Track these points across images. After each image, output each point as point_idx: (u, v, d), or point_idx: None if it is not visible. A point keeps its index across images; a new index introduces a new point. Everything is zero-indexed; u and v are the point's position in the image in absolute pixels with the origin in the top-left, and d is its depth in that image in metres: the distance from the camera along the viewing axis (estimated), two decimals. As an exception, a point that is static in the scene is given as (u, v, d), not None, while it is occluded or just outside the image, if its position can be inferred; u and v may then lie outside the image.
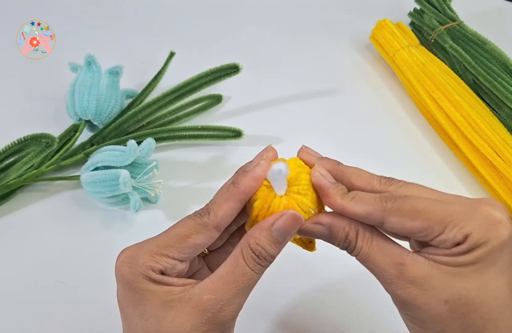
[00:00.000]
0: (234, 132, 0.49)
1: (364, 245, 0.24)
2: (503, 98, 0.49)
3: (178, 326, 0.24)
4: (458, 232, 0.22)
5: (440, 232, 0.22)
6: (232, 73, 0.48)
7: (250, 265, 0.24)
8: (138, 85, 0.54)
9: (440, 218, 0.22)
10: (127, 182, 0.40)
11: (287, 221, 0.24)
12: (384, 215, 0.23)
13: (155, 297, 0.24)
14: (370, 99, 0.57)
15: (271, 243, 0.24)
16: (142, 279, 0.24)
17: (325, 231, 0.25)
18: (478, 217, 0.22)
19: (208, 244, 0.26)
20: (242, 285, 0.24)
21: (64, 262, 0.40)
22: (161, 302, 0.24)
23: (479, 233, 0.22)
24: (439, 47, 0.58)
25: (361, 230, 0.24)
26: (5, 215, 0.43)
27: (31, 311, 0.38)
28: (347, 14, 0.68)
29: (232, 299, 0.24)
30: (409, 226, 0.23)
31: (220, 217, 0.25)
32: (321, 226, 0.25)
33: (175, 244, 0.25)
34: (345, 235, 0.24)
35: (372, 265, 0.24)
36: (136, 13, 0.67)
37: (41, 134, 0.42)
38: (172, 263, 0.25)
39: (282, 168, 0.23)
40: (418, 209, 0.23)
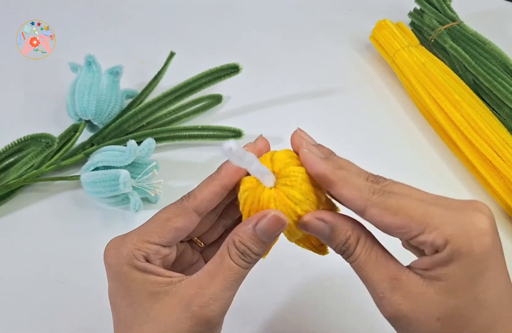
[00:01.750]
0: (234, 132, 0.49)
1: (362, 253, 0.24)
2: (503, 98, 0.49)
3: (164, 318, 0.24)
4: (438, 236, 0.21)
5: (419, 232, 0.22)
6: (232, 73, 0.48)
7: (235, 260, 0.24)
8: (138, 85, 0.54)
9: (420, 219, 0.22)
10: (127, 182, 0.40)
11: (269, 222, 0.23)
12: (366, 204, 0.23)
13: (142, 288, 0.24)
14: (370, 99, 0.57)
15: (255, 242, 0.24)
16: (128, 268, 0.25)
17: (327, 230, 0.24)
18: (460, 222, 0.22)
19: (189, 228, 0.26)
20: (229, 279, 0.24)
21: (64, 262, 0.40)
22: (148, 292, 0.24)
23: (460, 240, 0.21)
24: (439, 47, 0.58)
25: (363, 237, 0.24)
26: (5, 215, 0.43)
27: (31, 311, 0.38)
28: (347, 14, 0.68)
29: (218, 293, 0.24)
30: (387, 220, 0.22)
31: (199, 200, 0.26)
32: (323, 223, 0.24)
33: (155, 229, 0.25)
34: (345, 238, 0.24)
35: (366, 275, 0.23)
36: (136, 13, 0.67)
37: (41, 134, 0.42)
38: (154, 248, 0.25)
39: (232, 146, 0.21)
40: (399, 206, 0.23)
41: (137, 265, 0.25)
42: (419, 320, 0.22)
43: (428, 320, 0.22)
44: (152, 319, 0.24)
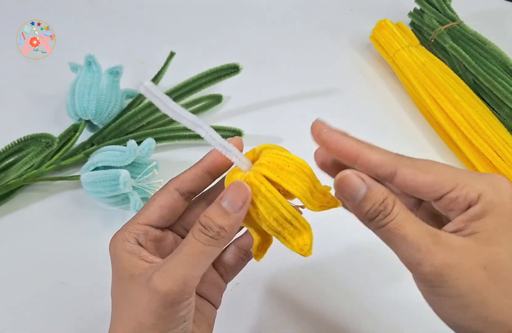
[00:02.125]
0: (234, 132, 0.49)
1: (401, 212, 0.23)
2: (503, 98, 0.49)
3: (137, 299, 0.24)
4: (471, 190, 0.22)
5: (452, 188, 0.23)
6: (232, 73, 0.48)
7: (197, 237, 0.24)
8: (138, 85, 0.54)
9: (452, 176, 0.23)
10: (127, 182, 0.40)
11: (230, 188, 0.24)
12: (398, 165, 0.24)
13: (125, 270, 0.25)
14: (370, 99, 0.57)
15: (219, 214, 0.24)
16: (120, 251, 0.26)
17: (363, 189, 0.23)
18: (487, 180, 0.23)
19: (172, 205, 0.27)
20: (189, 255, 0.24)
21: (64, 262, 0.40)
22: (128, 273, 0.25)
23: (492, 193, 0.22)
24: (439, 47, 0.58)
25: (398, 200, 0.24)
26: (5, 215, 0.43)
27: (31, 311, 0.38)
28: (347, 14, 0.68)
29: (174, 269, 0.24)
30: (421, 179, 0.23)
31: (180, 179, 0.27)
32: (361, 180, 0.24)
33: (143, 210, 0.27)
34: (383, 198, 0.23)
35: (406, 232, 0.23)
36: (136, 13, 0.67)
37: (41, 134, 0.42)
38: (142, 228, 0.27)
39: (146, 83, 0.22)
40: (430, 166, 0.24)
41: (126, 247, 0.26)
42: (466, 271, 0.22)
43: (475, 270, 0.22)
44: (129, 300, 0.25)
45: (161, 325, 0.24)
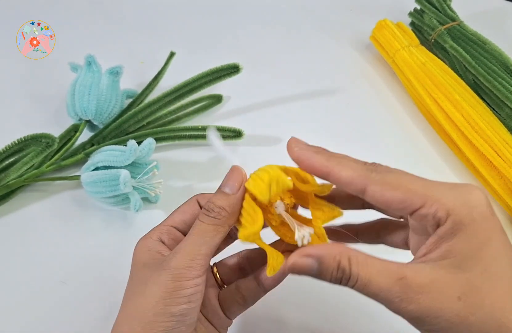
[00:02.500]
0: (234, 132, 0.49)
1: (360, 270, 0.22)
2: (503, 98, 0.49)
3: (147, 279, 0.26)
4: (439, 208, 0.22)
5: (421, 205, 0.22)
6: (232, 73, 0.48)
7: (201, 219, 0.27)
8: (138, 85, 0.54)
9: (421, 192, 0.22)
10: (127, 182, 0.40)
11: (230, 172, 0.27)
12: (367, 182, 0.23)
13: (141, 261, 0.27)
14: (370, 99, 0.57)
15: (219, 197, 0.27)
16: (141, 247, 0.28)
17: (315, 265, 0.23)
18: (459, 196, 0.22)
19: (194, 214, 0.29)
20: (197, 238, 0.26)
21: (64, 262, 0.40)
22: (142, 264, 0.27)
23: (461, 211, 0.22)
24: (439, 47, 0.58)
25: (353, 255, 0.23)
26: (5, 215, 0.43)
27: (31, 311, 0.38)
28: (347, 14, 0.68)
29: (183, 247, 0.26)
30: (389, 195, 0.23)
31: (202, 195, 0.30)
32: (310, 258, 0.23)
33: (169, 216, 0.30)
34: (336, 264, 0.22)
35: (374, 289, 0.22)
36: (136, 13, 0.67)
37: (41, 134, 0.42)
38: (165, 228, 0.29)
39: None
40: (400, 181, 0.23)
41: (148, 242, 0.28)
42: (442, 308, 0.21)
43: (450, 304, 0.21)
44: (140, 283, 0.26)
45: (167, 299, 0.25)
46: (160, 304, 0.25)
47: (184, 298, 0.25)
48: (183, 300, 0.25)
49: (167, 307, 0.25)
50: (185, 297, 0.25)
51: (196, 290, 0.26)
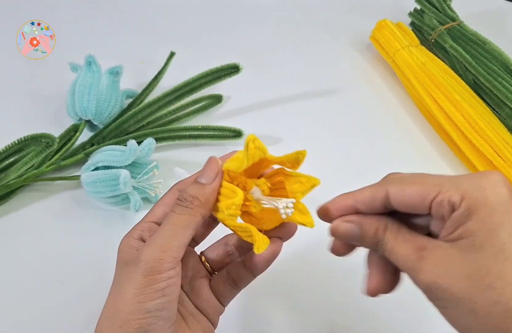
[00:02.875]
0: (234, 132, 0.49)
1: (391, 237, 0.25)
2: (503, 98, 0.49)
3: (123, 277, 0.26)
4: (453, 193, 0.22)
5: (436, 193, 0.23)
6: (232, 73, 0.48)
7: (174, 210, 0.26)
8: (138, 85, 0.54)
9: (435, 182, 0.24)
10: (127, 182, 0.40)
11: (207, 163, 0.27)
12: (386, 187, 0.25)
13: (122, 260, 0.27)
14: (370, 99, 0.57)
15: (193, 186, 0.27)
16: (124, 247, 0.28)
17: (356, 230, 0.26)
18: (473, 181, 0.23)
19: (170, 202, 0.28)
20: (170, 229, 0.26)
21: (64, 262, 0.40)
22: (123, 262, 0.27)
23: (475, 193, 0.22)
24: (439, 47, 0.58)
25: (390, 224, 0.25)
26: (5, 215, 0.43)
27: (31, 311, 0.38)
28: (347, 14, 0.68)
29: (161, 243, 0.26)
30: (408, 191, 0.24)
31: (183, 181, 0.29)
32: (352, 224, 0.26)
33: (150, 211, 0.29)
34: (374, 230, 0.25)
35: (396, 255, 0.24)
36: (136, 13, 0.67)
37: (41, 134, 0.42)
38: (146, 225, 0.28)
39: None
40: (415, 178, 0.25)
41: (130, 242, 0.27)
42: (450, 283, 0.22)
43: (458, 281, 0.22)
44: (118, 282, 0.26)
45: (140, 296, 0.25)
46: (133, 301, 0.24)
47: (157, 292, 0.25)
48: (157, 295, 0.25)
49: (140, 304, 0.24)
50: (158, 291, 0.25)
51: (169, 283, 0.25)
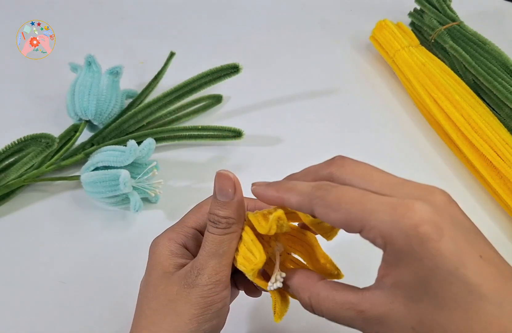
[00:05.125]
0: (234, 132, 0.49)
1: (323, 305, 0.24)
2: (503, 98, 0.49)
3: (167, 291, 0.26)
4: (376, 235, 0.21)
5: (360, 229, 0.21)
6: (232, 73, 0.48)
7: (210, 230, 0.27)
8: (138, 85, 0.54)
9: (359, 215, 0.21)
10: (127, 182, 0.40)
11: (217, 180, 0.27)
12: (312, 205, 0.23)
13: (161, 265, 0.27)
14: (370, 100, 0.57)
15: (218, 206, 0.27)
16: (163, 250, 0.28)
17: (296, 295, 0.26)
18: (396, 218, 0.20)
19: None
20: (209, 247, 0.26)
21: (64, 262, 0.40)
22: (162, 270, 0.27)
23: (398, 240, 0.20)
24: (439, 47, 0.58)
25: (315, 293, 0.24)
26: (5, 215, 0.43)
27: (31, 311, 0.38)
28: (347, 14, 0.68)
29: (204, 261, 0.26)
30: (333, 217, 0.22)
31: None
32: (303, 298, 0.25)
33: (191, 215, 0.29)
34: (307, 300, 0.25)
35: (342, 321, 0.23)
36: (136, 13, 0.67)
37: (41, 134, 0.42)
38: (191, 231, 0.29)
39: None
40: (340, 201, 0.22)
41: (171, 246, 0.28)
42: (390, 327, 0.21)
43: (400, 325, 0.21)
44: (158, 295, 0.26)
45: (200, 316, 0.25)
46: (193, 322, 0.25)
47: (214, 313, 0.26)
48: (214, 316, 0.26)
49: (199, 324, 0.25)
50: (215, 312, 0.26)
51: (224, 303, 0.26)
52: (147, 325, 0.26)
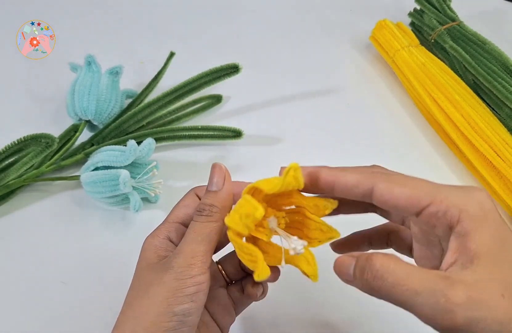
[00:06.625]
0: (234, 132, 0.49)
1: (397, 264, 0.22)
2: (503, 98, 0.49)
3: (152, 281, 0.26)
4: (450, 205, 0.21)
5: (429, 202, 0.22)
6: (232, 73, 0.48)
7: (196, 219, 0.27)
8: (138, 85, 0.54)
9: (428, 189, 0.22)
10: (127, 182, 0.40)
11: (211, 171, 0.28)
12: (374, 181, 0.24)
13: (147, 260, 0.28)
14: (370, 99, 0.57)
15: (208, 195, 0.28)
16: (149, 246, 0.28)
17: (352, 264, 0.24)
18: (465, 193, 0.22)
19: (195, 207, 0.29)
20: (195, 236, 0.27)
21: (64, 262, 0.41)
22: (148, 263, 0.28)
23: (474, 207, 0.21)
24: (439, 47, 0.58)
25: None
26: (5, 215, 0.43)
27: (31, 311, 0.38)
28: (347, 14, 0.68)
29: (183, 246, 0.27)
30: (397, 192, 0.23)
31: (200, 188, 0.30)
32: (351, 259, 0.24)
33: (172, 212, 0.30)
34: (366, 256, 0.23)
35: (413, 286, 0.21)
36: (136, 13, 0.67)
37: (41, 134, 0.42)
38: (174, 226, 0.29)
39: None
40: (406, 180, 0.23)
41: (155, 241, 0.28)
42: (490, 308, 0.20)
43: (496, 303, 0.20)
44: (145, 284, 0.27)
45: (170, 298, 0.25)
46: (163, 303, 0.25)
47: (187, 297, 0.25)
48: (186, 299, 0.25)
49: (170, 306, 0.25)
50: (188, 296, 0.26)
51: (198, 288, 0.26)
52: (124, 310, 0.27)
